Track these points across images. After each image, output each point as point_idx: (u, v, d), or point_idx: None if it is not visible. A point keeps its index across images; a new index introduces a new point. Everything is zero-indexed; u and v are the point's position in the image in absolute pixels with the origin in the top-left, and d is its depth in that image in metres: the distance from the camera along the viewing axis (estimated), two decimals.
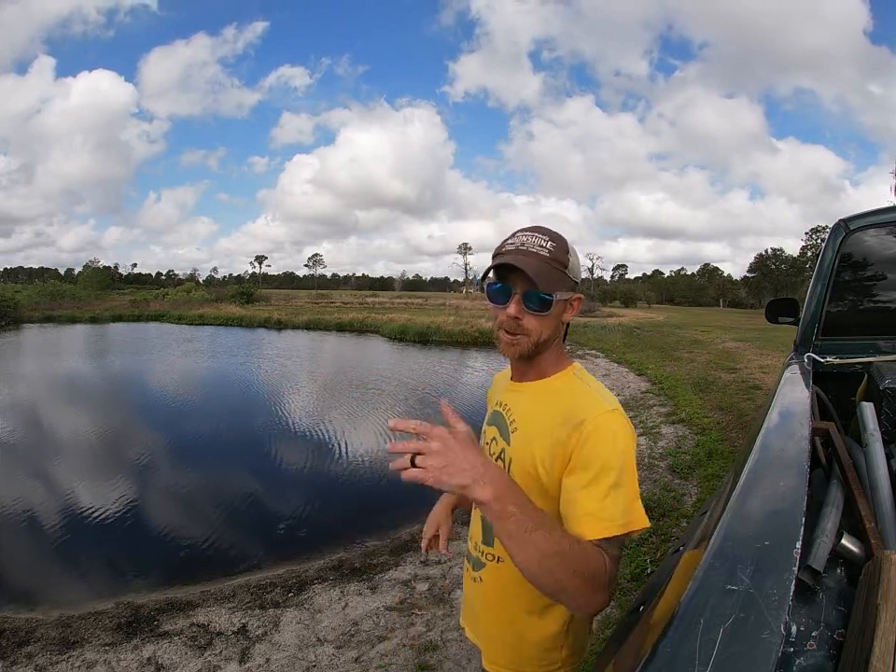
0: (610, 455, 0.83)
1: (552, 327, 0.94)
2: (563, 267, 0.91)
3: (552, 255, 0.90)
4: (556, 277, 0.90)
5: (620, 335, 17.96)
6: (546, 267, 0.89)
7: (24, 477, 5.59)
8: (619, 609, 2.74)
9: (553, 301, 0.90)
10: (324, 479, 5.67)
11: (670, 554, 1.70)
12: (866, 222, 2.22)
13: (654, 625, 0.66)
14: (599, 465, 0.83)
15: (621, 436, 0.86)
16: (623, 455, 0.84)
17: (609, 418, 0.87)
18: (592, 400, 0.90)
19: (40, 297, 35.86)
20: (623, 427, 0.88)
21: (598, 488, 0.82)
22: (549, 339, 0.94)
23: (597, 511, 0.81)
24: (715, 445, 5.29)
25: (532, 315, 0.91)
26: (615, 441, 0.85)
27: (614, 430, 0.86)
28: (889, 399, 1.42)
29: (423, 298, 50.62)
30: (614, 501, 0.81)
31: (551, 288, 0.89)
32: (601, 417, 0.86)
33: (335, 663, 2.66)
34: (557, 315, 0.94)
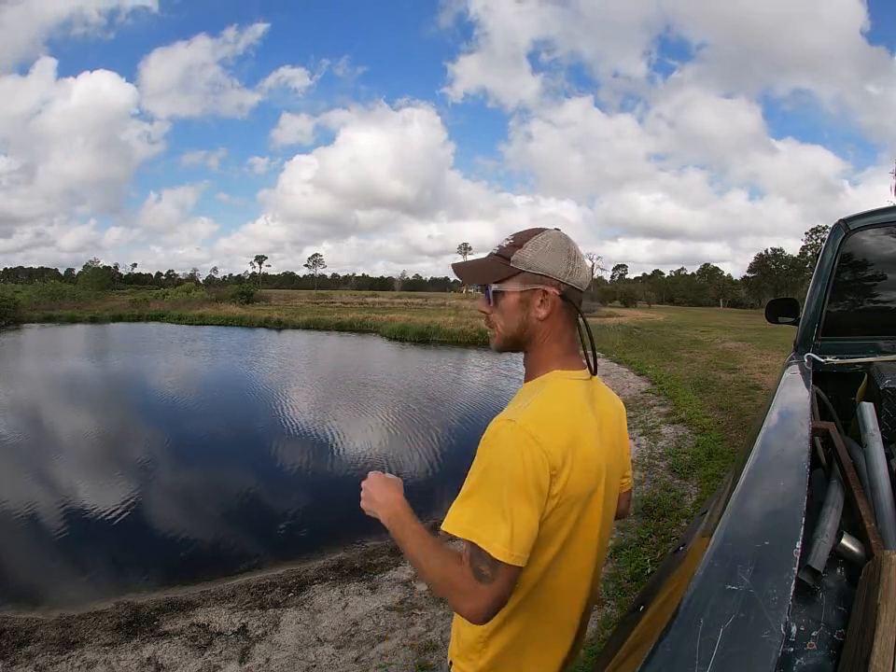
0: (483, 463, 0.82)
1: (514, 321, 0.92)
2: (503, 258, 0.92)
3: (499, 251, 0.93)
4: (489, 269, 0.93)
5: (620, 335, 17.96)
6: (480, 262, 0.95)
7: (25, 477, 5.59)
8: (619, 609, 2.74)
9: (490, 291, 0.93)
10: (324, 479, 5.68)
11: (670, 554, 1.70)
12: (866, 222, 2.22)
13: (654, 625, 0.66)
14: (473, 469, 0.83)
15: (501, 448, 0.81)
16: (495, 467, 0.80)
17: (499, 426, 0.83)
18: (510, 409, 0.87)
19: (40, 297, 35.87)
20: (510, 440, 0.80)
21: (463, 490, 0.83)
22: (518, 334, 0.93)
23: (451, 508, 0.83)
24: (715, 445, 5.29)
25: (494, 309, 0.94)
26: (493, 451, 0.81)
27: (497, 440, 0.82)
28: (889, 399, 1.42)
29: (423, 298, 50.61)
30: (462, 503, 0.81)
31: (479, 280, 0.94)
32: (494, 424, 0.84)
33: (335, 663, 2.66)
34: (516, 309, 0.92)
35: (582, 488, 0.86)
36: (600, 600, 2.86)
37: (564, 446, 0.82)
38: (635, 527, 3.68)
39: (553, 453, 0.81)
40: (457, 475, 0.84)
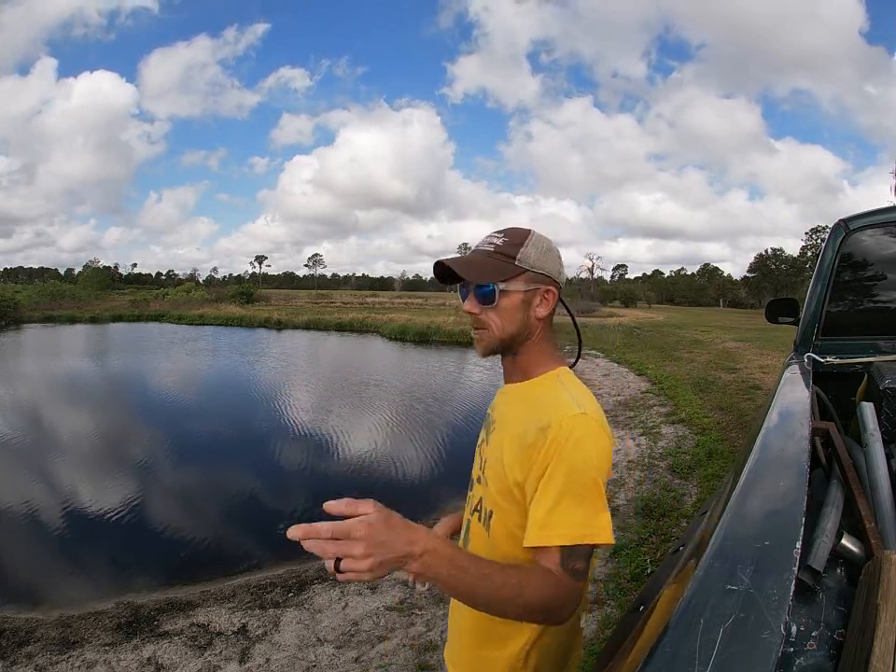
0: (569, 462, 0.80)
1: (515, 321, 0.91)
2: (506, 257, 0.89)
3: (497, 248, 0.90)
4: (496, 267, 0.89)
5: (620, 335, 17.96)
6: (482, 259, 0.90)
7: (25, 477, 5.59)
8: (619, 609, 2.74)
9: (495, 290, 0.89)
10: (324, 479, 5.68)
11: (670, 554, 1.70)
12: (866, 222, 2.22)
13: (654, 625, 0.66)
14: (556, 471, 0.80)
15: (585, 442, 0.81)
16: (583, 462, 0.80)
17: (574, 422, 0.82)
18: (562, 403, 0.86)
19: (40, 297, 35.86)
20: (590, 433, 0.82)
21: (548, 496, 0.79)
22: (517, 334, 0.91)
23: (543, 519, 0.79)
24: (715, 445, 5.29)
25: (489, 309, 0.91)
26: (577, 447, 0.80)
27: (577, 436, 0.81)
28: (889, 399, 1.42)
29: (423, 298, 50.61)
30: (565, 510, 0.78)
31: (486, 278, 0.89)
32: (566, 420, 0.82)
33: (335, 663, 2.66)
34: (518, 309, 0.91)
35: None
36: (600, 600, 2.87)
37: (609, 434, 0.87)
38: (635, 527, 3.68)
39: (611, 438, 0.86)
40: (459, 474, 0.83)
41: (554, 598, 0.75)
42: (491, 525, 0.91)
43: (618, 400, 8.01)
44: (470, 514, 0.99)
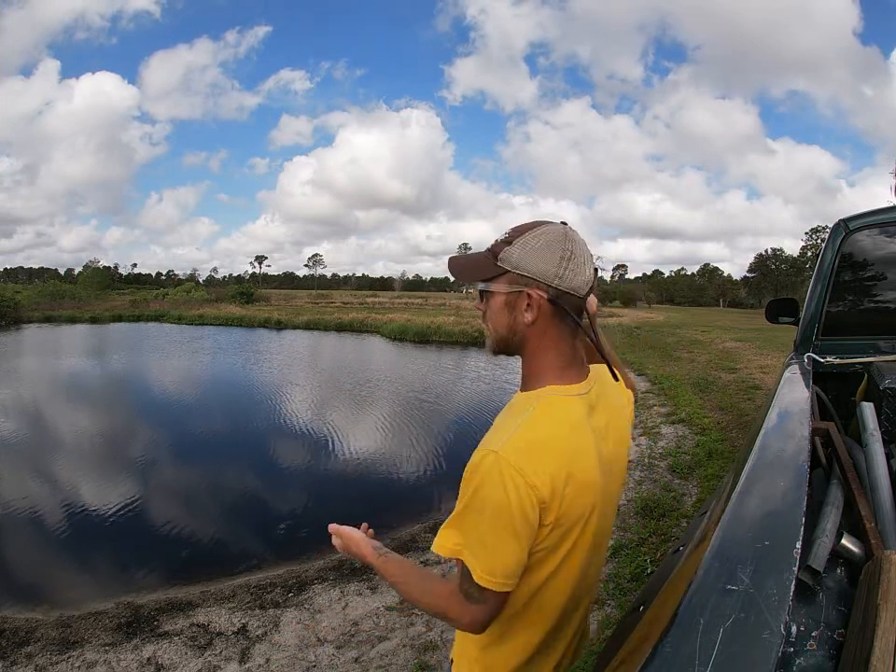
0: (465, 490, 0.79)
1: (501, 324, 0.86)
2: (493, 255, 0.85)
3: (492, 245, 0.87)
4: (477, 267, 0.87)
5: (620, 335, 17.96)
6: (474, 258, 0.89)
7: (26, 476, 5.59)
8: (619, 609, 2.74)
9: (479, 290, 0.88)
10: (324, 479, 5.68)
11: (670, 554, 1.70)
12: (866, 222, 2.22)
13: (654, 625, 0.66)
14: (460, 494, 0.81)
15: (481, 478, 0.77)
16: (475, 494, 0.77)
17: (480, 457, 0.78)
18: (498, 432, 0.82)
19: (40, 297, 35.87)
20: (490, 472, 0.76)
21: (452, 514, 0.82)
22: (507, 338, 0.87)
23: (441, 530, 0.82)
24: (715, 445, 5.29)
25: (486, 307, 0.89)
26: (472, 479, 0.78)
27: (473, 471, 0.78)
28: (889, 399, 1.42)
29: (423, 298, 50.63)
30: (453, 528, 0.80)
31: (465, 277, 0.90)
32: (476, 454, 0.79)
33: (335, 663, 2.66)
34: (501, 311, 0.85)
35: (578, 513, 0.82)
36: (600, 600, 2.86)
37: (553, 476, 0.76)
38: (635, 527, 3.68)
39: (539, 486, 0.75)
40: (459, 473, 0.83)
41: (448, 609, 0.83)
42: None
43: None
44: None
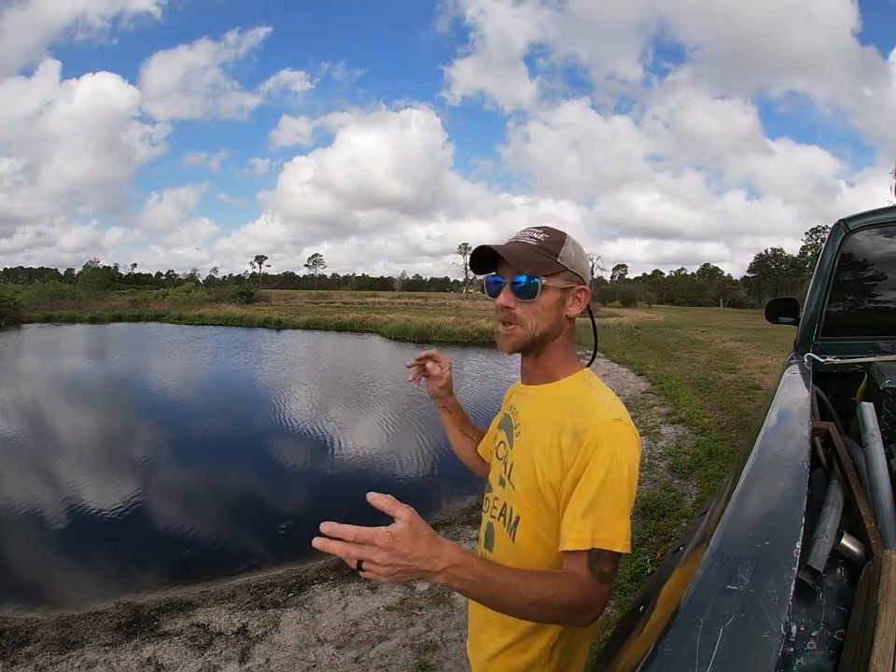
0: (603, 469, 0.81)
1: (549, 318, 0.90)
2: (550, 253, 0.89)
3: (539, 243, 0.90)
4: (540, 262, 0.88)
5: (620, 335, 17.97)
6: (528, 252, 0.89)
7: (26, 476, 5.58)
8: (619, 609, 2.74)
9: (538, 285, 0.88)
10: (324, 478, 5.67)
11: (670, 554, 1.70)
12: (866, 222, 2.22)
13: (654, 625, 0.66)
14: (590, 478, 0.81)
15: (619, 450, 0.82)
16: (616, 469, 0.81)
17: (609, 428, 0.83)
18: (596, 408, 0.86)
19: (40, 297, 35.87)
20: (623, 441, 0.83)
21: (582, 502, 0.81)
22: (548, 333, 0.91)
23: (576, 524, 0.80)
24: (715, 445, 5.29)
25: (524, 304, 0.89)
26: (612, 455, 0.82)
27: (612, 443, 0.82)
28: (889, 399, 1.42)
29: (423, 298, 50.66)
30: (597, 517, 0.80)
31: (533, 272, 0.88)
32: (602, 427, 0.83)
33: (335, 663, 2.66)
34: (554, 306, 0.90)
35: None
36: None
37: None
38: (635, 527, 3.68)
39: (640, 448, 0.88)
40: (458, 473, 0.83)
41: (581, 601, 0.77)
42: (517, 531, 0.91)
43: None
44: (493, 518, 0.98)
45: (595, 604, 0.79)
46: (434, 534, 0.69)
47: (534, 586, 0.74)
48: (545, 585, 0.75)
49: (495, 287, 0.93)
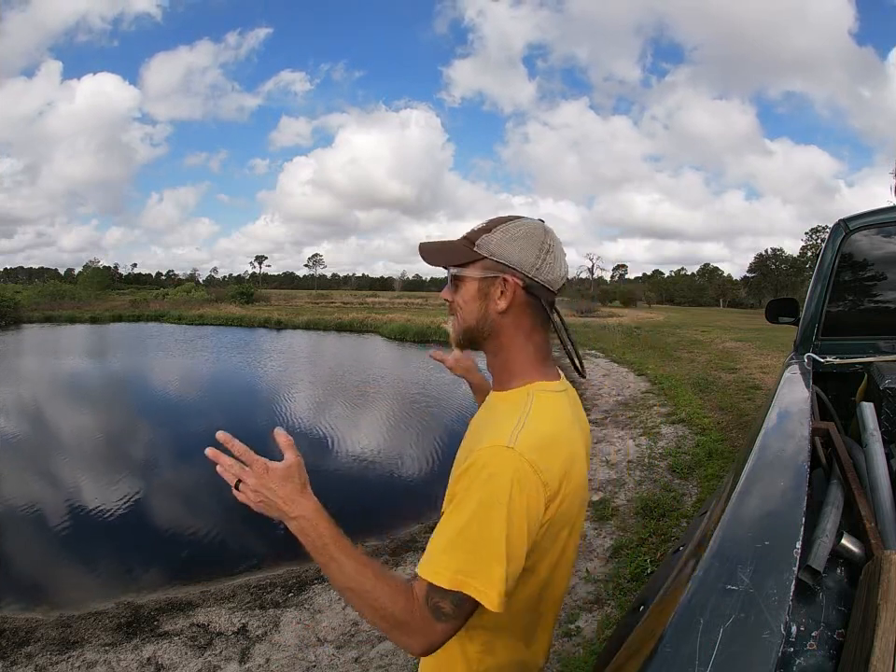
0: (469, 495, 0.71)
1: (472, 312, 0.84)
2: (469, 241, 0.85)
3: (468, 233, 0.87)
4: (452, 250, 0.86)
5: (620, 335, 17.97)
6: (445, 244, 0.88)
7: (26, 476, 5.59)
8: (619, 609, 2.74)
9: (450, 273, 0.86)
10: (324, 478, 5.67)
11: (670, 554, 1.70)
12: (866, 222, 2.22)
13: (654, 625, 0.66)
14: (461, 505, 0.72)
15: (495, 476, 0.71)
16: (484, 497, 0.70)
17: (493, 453, 0.72)
18: (500, 430, 0.75)
19: (40, 297, 35.85)
20: (505, 469, 0.71)
21: (444, 528, 0.73)
22: (476, 327, 0.85)
23: (430, 549, 0.73)
24: (715, 445, 5.29)
25: (456, 295, 0.87)
26: (481, 479, 0.71)
27: (491, 470, 0.71)
28: (889, 399, 1.42)
29: (423, 298, 50.62)
30: (452, 548, 0.71)
31: (437, 261, 0.88)
32: (486, 451, 0.73)
33: (335, 663, 2.66)
34: (473, 298, 0.84)
35: (573, 512, 0.80)
36: (600, 600, 2.86)
37: (560, 473, 0.75)
38: (635, 527, 3.68)
39: (550, 483, 0.73)
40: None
41: (400, 622, 0.70)
42: None
43: (618, 400, 8.01)
44: None
45: (417, 633, 0.70)
46: (307, 487, 0.77)
47: (363, 576, 0.71)
48: (375, 583, 0.71)
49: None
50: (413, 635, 0.70)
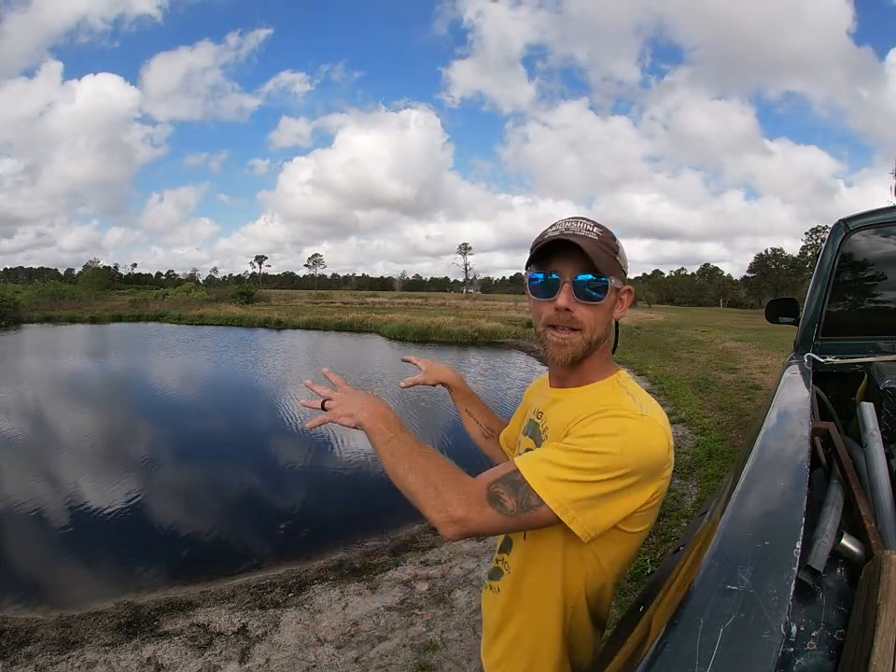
0: (590, 428, 0.74)
1: (605, 322, 0.83)
2: (613, 252, 0.82)
3: (601, 238, 0.82)
4: (609, 260, 0.81)
5: (620, 335, 17.93)
6: (599, 248, 0.80)
7: (26, 476, 5.58)
8: (619, 609, 2.74)
9: (608, 285, 0.80)
10: (324, 479, 5.67)
11: (670, 554, 1.70)
12: (866, 222, 2.22)
13: (654, 625, 0.66)
14: (573, 431, 0.75)
15: (629, 436, 0.73)
16: (619, 451, 0.72)
17: (625, 422, 0.75)
18: (623, 401, 0.79)
19: (40, 297, 35.88)
20: (640, 429, 0.74)
21: (555, 448, 0.75)
22: (602, 337, 0.84)
23: (533, 455, 0.76)
24: (715, 445, 5.29)
25: (585, 306, 0.80)
26: (616, 435, 0.73)
27: (624, 426, 0.74)
28: (889, 399, 1.42)
29: (423, 298, 50.64)
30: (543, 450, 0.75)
31: (605, 271, 0.80)
32: (617, 420, 0.75)
33: (335, 663, 2.66)
34: (611, 309, 0.84)
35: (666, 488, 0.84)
36: None
37: (672, 444, 0.80)
38: None
39: (671, 447, 0.79)
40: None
41: (451, 489, 0.72)
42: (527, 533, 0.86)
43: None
44: None
45: (465, 508, 0.71)
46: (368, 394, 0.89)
47: (427, 450, 0.78)
48: (438, 455, 0.76)
49: (545, 285, 0.82)
50: (456, 505, 0.71)
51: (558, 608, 0.85)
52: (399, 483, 0.77)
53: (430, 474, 0.74)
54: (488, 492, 0.73)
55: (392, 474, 0.78)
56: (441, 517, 0.71)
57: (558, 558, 0.82)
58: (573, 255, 0.79)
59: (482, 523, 0.72)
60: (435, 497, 0.72)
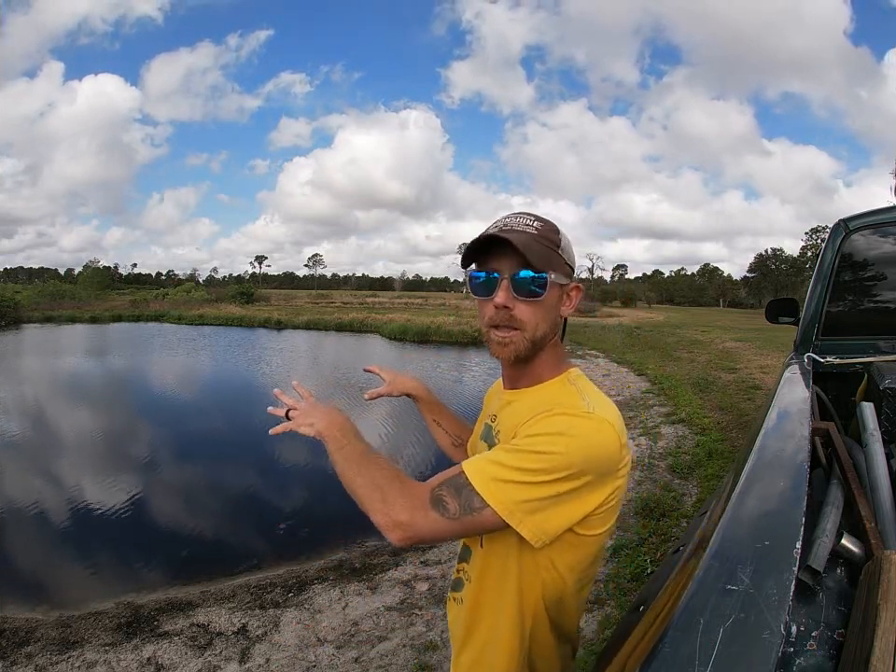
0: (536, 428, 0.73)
1: (548, 319, 0.80)
2: (554, 245, 0.79)
3: (540, 232, 0.79)
4: (547, 255, 0.78)
5: (620, 335, 17.97)
6: (535, 243, 0.77)
7: (26, 476, 5.58)
8: (619, 609, 2.74)
9: (547, 281, 0.77)
10: (324, 479, 5.67)
11: (670, 554, 1.70)
12: (866, 222, 2.22)
13: (654, 625, 0.66)
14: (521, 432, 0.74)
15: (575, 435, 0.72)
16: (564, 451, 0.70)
17: (575, 413, 0.74)
18: (570, 399, 0.77)
19: (40, 297, 35.87)
20: (589, 431, 0.73)
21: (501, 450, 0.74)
22: (547, 335, 0.81)
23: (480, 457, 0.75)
24: (715, 445, 5.28)
25: (524, 303, 0.78)
26: (562, 434, 0.72)
27: (570, 425, 0.72)
28: (889, 399, 1.42)
29: (423, 298, 50.67)
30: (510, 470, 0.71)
31: (542, 266, 0.77)
32: (564, 418, 0.73)
33: (335, 663, 2.66)
34: (553, 306, 0.81)
35: (625, 488, 0.82)
36: (600, 600, 2.86)
37: (625, 442, 0.78)
38: (635, 527, 3.68)
39: (625, 445, 0.77)
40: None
41: (397, 494, 0.73)
42: (483, 538, 0.84)
43: (618, 400, 8.01)
44: None
45: (409, 513, 0.71)
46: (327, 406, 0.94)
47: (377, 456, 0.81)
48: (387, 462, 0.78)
49: (486, 283, 0.80)
50: (399, 509, 0.72)
51: (516, 618, 0.82)
52: (348, 487, 0.79)
53: (377, 479, 0.75)
54: (432, 495, 0.73)
55: (343, 479, 0.80)
56: (385, 521, 0.72)
57: (513, 566, 0.80)
58: (511, 251, 0.77)
59: (425, 526, 0.72)
60: (380, 501, 0.73)
